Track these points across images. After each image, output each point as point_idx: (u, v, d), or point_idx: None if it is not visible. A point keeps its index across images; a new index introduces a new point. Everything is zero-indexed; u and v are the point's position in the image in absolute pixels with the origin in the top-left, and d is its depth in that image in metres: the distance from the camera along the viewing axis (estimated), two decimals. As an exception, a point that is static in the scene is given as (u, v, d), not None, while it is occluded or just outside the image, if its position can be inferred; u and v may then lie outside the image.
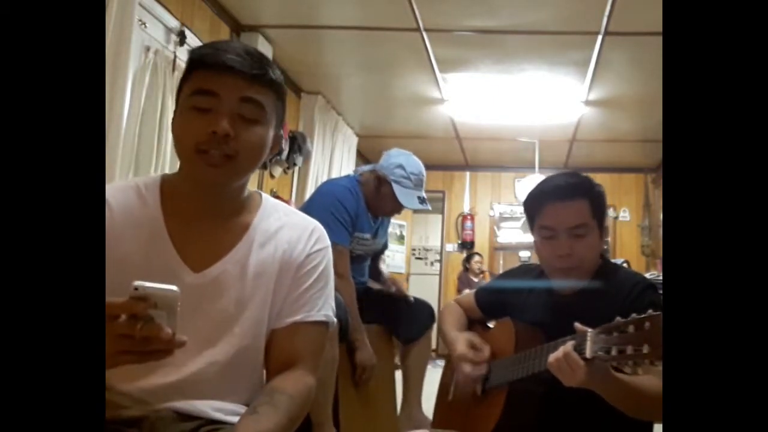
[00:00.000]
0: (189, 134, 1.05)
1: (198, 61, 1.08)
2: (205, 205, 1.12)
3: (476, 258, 7.12)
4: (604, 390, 1.23)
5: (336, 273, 2.34)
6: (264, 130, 1.09)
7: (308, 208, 2.49)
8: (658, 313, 1.06)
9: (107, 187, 1.12)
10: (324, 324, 1.16)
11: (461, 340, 1.60)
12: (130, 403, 1.04)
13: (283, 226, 1.17)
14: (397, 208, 2.57)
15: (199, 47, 1.14)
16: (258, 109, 1.07)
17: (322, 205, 2.45)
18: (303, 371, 1.11)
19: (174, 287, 0.85)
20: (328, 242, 1.21)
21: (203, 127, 1.03)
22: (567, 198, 1.45)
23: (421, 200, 2.58)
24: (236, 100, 1.05)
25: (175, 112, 1.10)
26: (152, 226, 1.10)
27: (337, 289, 2.28)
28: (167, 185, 1.14)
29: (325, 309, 1.16)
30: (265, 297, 1.12)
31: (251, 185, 1.19)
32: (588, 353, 1.16)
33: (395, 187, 2.51)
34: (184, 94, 1.08)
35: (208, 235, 1.12)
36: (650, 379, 1.27)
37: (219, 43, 1.11)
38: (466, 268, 7.07)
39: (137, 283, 0.82)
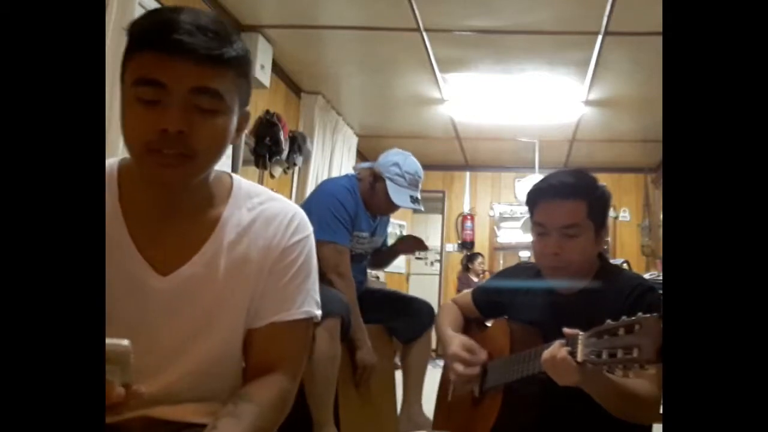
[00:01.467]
0: (136, 132, 0.89)
1: (139, 40, 0.90)
2: (167, 201, 0.99)
3: (479, 259, 7.10)
4: (596, 390, 1.23)
5: (337, 273, 2.36)
6: (225, 120, 0.93)
7: (307, 207, 2.49)
8: (647, 315, 1.06)
9: None
10: (306, 321, 1.06)
11: (455, 341, 1.60)
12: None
13: (256, 217, 1.04)
14: (390, 206, 2.56)
15: (140, 18, 0.93)
16: (215, 99, 0.90)
17: (322, 204, 2.45)
18: (280, 375, 1.02)
19: (124, 341, 0.80)
20: (309, 230, 1.09)
21: (151, 123, 0.88)
22: (561, 197, 1.44)
23: (414, 200, 2.56)
24: (187, 91, 0.88)
25: (121, 102, 0.93)
26: (111, 225, 0.96)
27: (338, 289, 2.29)
28: (125, 177, 1.00)
29: (306, 305, 1.05)
30: (241, 298, 1.02)
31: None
32: (579, 357, 1.16)
33: (388, 184, 2.52)
34: (126, 81, 0.91)
35: (173, 234, 0.99)
36: (642, 383, 1.28)
37: (164, 13, 0.91)
38: (468, 268, 7.05)
39: None
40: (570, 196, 1.44)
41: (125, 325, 0.95)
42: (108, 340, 0.79)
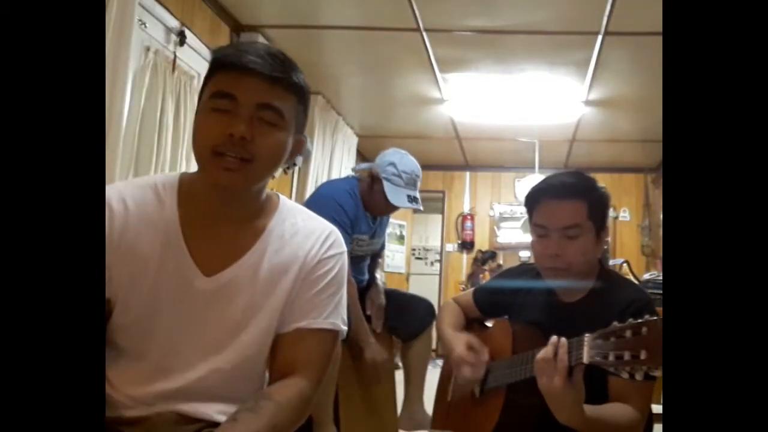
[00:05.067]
0: (206, 136, 1.03)
1: (219, 62, 1.06)
2: (221, 208, 1.10)
3: (497, 258, 7.07)
4: (569, 410, 1.20)
5: None
6: (282, 135, 1.06)
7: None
8: (655, 318, 1.06)
9: (125, 184, 1.12)
10: (331, 332, 1.13)
11: (460, 342, 1.58)
12: (133, 404, 1.04)
13: (298, 231, 1.14)
14: (389, 206, 2.55)
15: (222, 47, 1.11)
16: (276, 115, 1.05)
17: (322, 208, 2.43)
18: (301, 379, 1.08)
19: None
20: (344, 248, 1.18)
21: (221, 129, 1.01)
22: (562, 197, 1.43)
23: (411, 199, 2.54)
24: (254, 105, 1.03)
25: (196, 113, 1.08)
26: (168, 227, 1.08)
27: None
28: (185, 186, 1.12)
29: (333, 317, 1.13)
30: (276, 304, 1.10)
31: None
32: (585, 358, 1.15)
33: (385, 184, 2.51)
34: (204, 96, 1.06)
35: (222, 239, 1.10)
36: (623, 407, 1.28)
37: (242, 44, 1.11)
38: (484, 262, 7.01)
39: None
40: (570, 197, 1.43)
41: (171, 320, 1.06)
42: None
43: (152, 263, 1.05)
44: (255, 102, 1.03)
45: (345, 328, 1.16)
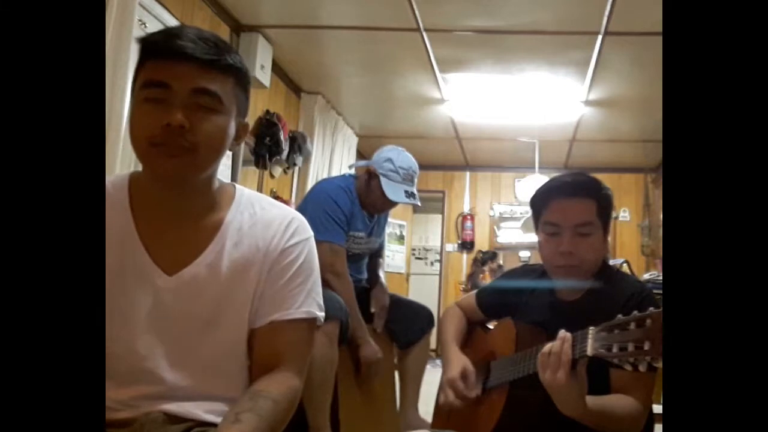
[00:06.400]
0: (142, 128, 0.98)
1: (148, 50, 1.01)
2: (174, 203, 1.06)
3: (498, 259, 7.07)
4: (573, 403, 1.22)
5: (334, 272, 2.35)
6: (223, 120, 1.01)
7: (303, 207, 2.49)
8: (659, 310, 1.06)
9: None
10: (307, 321, 1.10)
11: (457, 365, 1.58)
12: (120, 406, 1.02)
13: (256, 222, 1.10)
14: (386, 202, 2.55)
15: (150, 34, 1.05)
16: (214, 99, 1.00)
17: (317, 204, 2.45)
18: (288, 373, 1.07)
19: None
20: (308, 234, 1.14)
21: (156, 119, 0.96)
22: (574, 195, 1.46)
23: (409, 194, 2.54)
24: (189, 91, 0.98)
25: (130, 106, 1.03)
26: (122, 227, 1.04)
27: (335, 289, 2.29)
28: (135, 184, 1.08)
29: (307, 305, 1.09)
30: (244, 299, 1.07)
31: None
32: (589, 351, 1.16)
33: (382, 180, 2.50)
34: (136, 87, 1.01)
35: (179, 236, 1.06)
36: (625, 398, 1.29)
37: (170, 29, 1.03)
38: (484, 263, 7.00)
39: None
40: (582, 195, 1.45)
41: (137, 323, 1.03)
42: None
43: (110, 265, 1.00)
44: (189, 88, 0.98)
45: (322, 313, 1.12)
